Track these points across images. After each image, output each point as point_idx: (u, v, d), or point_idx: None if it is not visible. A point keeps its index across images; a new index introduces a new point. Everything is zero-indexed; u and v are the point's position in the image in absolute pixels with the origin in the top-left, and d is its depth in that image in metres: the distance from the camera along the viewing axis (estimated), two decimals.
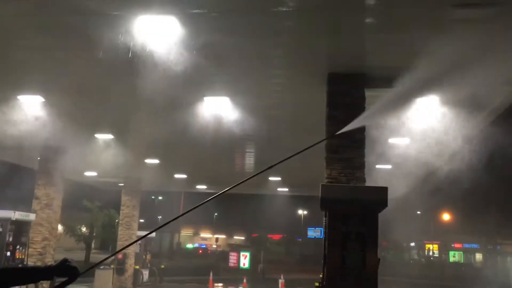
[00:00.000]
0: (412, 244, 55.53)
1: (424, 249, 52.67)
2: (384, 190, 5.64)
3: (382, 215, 5.94)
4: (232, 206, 51.17)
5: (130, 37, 6.89)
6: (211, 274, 22.40)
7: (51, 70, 9.18)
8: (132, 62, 7.74)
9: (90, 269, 2.74)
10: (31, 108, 11.26)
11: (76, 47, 7.87)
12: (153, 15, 6.54)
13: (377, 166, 16.05)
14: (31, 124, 12.30)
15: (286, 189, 25.86)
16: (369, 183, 7.67)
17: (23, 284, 2.55)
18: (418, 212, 43.96)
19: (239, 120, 11.34)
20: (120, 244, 22.69)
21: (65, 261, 2.61)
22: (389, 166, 16.20)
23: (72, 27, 7.10)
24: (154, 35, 6.95)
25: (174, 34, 6.86)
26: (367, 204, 5.61)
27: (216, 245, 60.81)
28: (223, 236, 64.49)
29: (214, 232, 64.33)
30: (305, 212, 59.32)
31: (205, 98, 10.09)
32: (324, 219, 5.84)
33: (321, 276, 5.85)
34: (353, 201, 5.65)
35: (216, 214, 64.17)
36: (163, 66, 7.75)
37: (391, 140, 12.48)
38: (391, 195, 5.79)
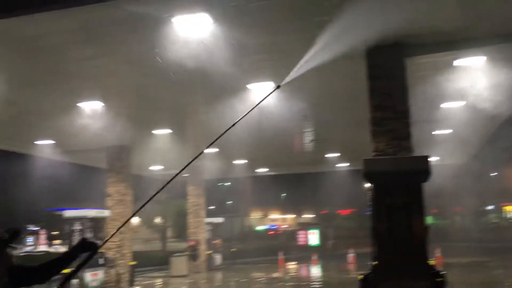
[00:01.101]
0: (490, 207, 53.21)
1: (502, 211, 50.34)
2: (425, 159, 5.65)
3: (450, 182, 5.89)
4: (299, 186, 51.44)
5: (174, 37, 7.22)
6: (281, 254, 22.87)
7: (106, 77, 9.82)
8: (180, 59, 8.16)
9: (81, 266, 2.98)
10: (92, 113, 12.09)
11: (126, 52, 8.37)
12: (189, 14, 6.78)
13: (436, 132, 15.66)
14: (94, 127, 13.22)
15: (347, 164, 25.75)
16: (427, 151, 7.59)
17: (61, 270, 2.95)
18: (494, 174, 42.01)
19: (287, 104, 11.56)
20: (190, 231, 23.73)
21: (83, 239, 3.06)
22: (449, 131, 15.75)
23: (120, 35, 7.57)
24: (198, 31, 7.18)
25: (216, 28, 7.05)
26: (409, 175, 5.65)
27: (286, 225, 61.49)
28: (293, 216, 65.06)
29: (283, 213, 65.04)
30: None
31: (250, 85, 10.36)
32: (369, 192, 5.95)
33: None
34: (395, 172, 5.71)
35: (283, 194, 64.76)
36: (210, 57, 8.12)
37: (447, 105, 12.16)
38: (458, 160, 5.75)
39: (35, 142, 16.02)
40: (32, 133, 14.95)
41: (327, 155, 21.56)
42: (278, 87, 4.20)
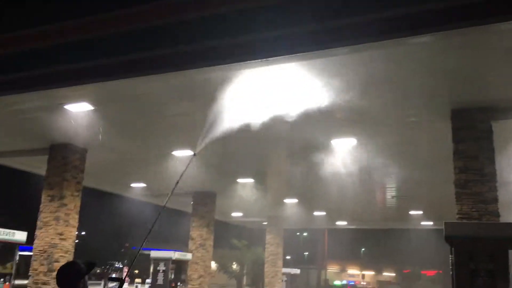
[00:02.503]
0: None
1: None
2: (510, 226, 5.53)
3: None
4: (380, 242, 49.61)
5: (252, 87, 7.75)
6: None
7: (197, 129, 10.63)
8: (266, 112, 8.74)
9: None
10: (180, 161, 12.97)
11: (216, 107, 9.08)
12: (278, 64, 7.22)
13: None
14: (184, 173, 14.10)
15: (432, 223, 24.67)
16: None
17: None
18: None
19: (368, 159, 11.72)
20: (267, 281, 23.75)
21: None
22: None
23: (212, 93, 8.28)
24: (283, 82, 7.62)
25: (299, 79, 7.44)
26: (494, 242, 5.55)
27: (365, 281, 58.96)
28: (372, 273, 62.35)
29: (361, 268, 62.58)
30: None
31: (333, 141, 10.67)
32: (450, 256, 5.90)
33: None
34: (480, 238, 5.63)
35: (363, 249, 62.56)
36: (294, 111, 8.61)
37: None
38: None
39: (131, 185, 17.33)
40: (128, 177, 16.24)
41: (410, 212, 20.92)
42: (194, 155, 4.65)
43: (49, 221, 11.59)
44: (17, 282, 11.39)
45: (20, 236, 10.91)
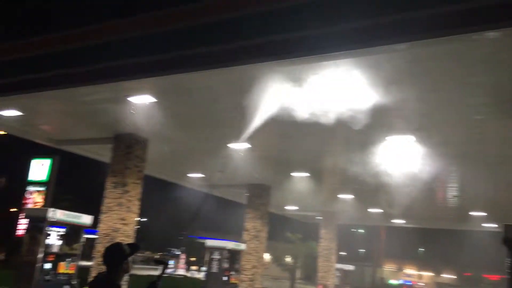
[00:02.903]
0: None
1: None
2: None
3: None
4: (439, 242, 48.02)
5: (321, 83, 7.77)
6: None
7: (252, 122, 10.80)
8: (321, 107, 8.76)
9: None
10: (239, 153, 13.23)
11: (268, 102, 9.20)
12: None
13: None
14: (240, 166, 14.44)
15: (494, 225, 23.58)
16: None
17: None
18: None
19: (427, 157, 11.41)
20: (320, 275, 23.72)
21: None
22: None
23: (264, 87, 8.40)
24: (340, 78, 7.58)
25: (358, 75, 7.33)
26: None
27: (423, 282, 57.31)
28: (430, 274, 60.49)
29: (419, 269, 60.86)
30: None
31: (389, 137, 10.50)
32: (508, 259, 5.70)
33: None
34: None
35: (421, 249, 60.81)
36: (352, 107, 8.57)
37: None
38: None
39: (188, 175, 17.89)
40: (186, 167, 16.77)
41: (472, 213, 20.11)
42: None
43: (112, 207, 12.23)
44: (82, 263, 12.11)
45: (86, 219, 11.59)
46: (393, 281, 54.82)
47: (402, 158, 11.93)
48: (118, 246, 3.54)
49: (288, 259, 37.14)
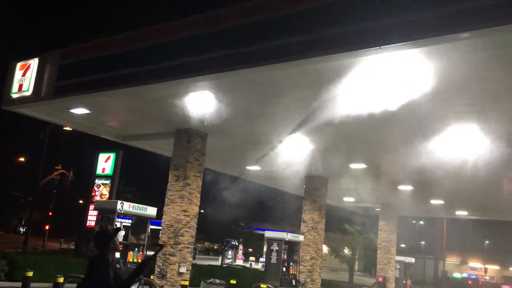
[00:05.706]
0: None
1: None
2: None
3: None
4: (507, 235, 45.88)
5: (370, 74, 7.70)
6: None
7: (310, 116, 10.82)
8: (380, 98, 8.66)
9: None
10: (296, 145, 13.30)
11: (328, 94, 9.19)
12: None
13: None
14: (298, 158, 14.53)
15: None
16: None
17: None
18: None
19: (493, 147, 10.98)
20: (379, 267, 23.43)
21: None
22: None
23: (323, 80, 8.41)
24: (401, 68, 7.47)
25: (419, 65, 7.19)
26: None
27: (488, 276, 55.01)
28: (497, 267, 57.94)
29: (484, 262, 58.44)
30: None
31: (452, 127, 10.19)
32: None
33: None
34: None
35: (487, 241, 58.35)
36: (412, 98, 8.42)
37: None
38: None
39: (246, 167, 18.17)
40: (244, 160, 17.03)
41: None
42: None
43: (175, 199, 12.70)
44: (148, 253, 12.69)
45: (151, 211, 12.16)
46: (456, 275, 52.99)
47: (465, 148, 11.55)
48: (104, 231, 4.27)
49: (346, 251, 36.85)
